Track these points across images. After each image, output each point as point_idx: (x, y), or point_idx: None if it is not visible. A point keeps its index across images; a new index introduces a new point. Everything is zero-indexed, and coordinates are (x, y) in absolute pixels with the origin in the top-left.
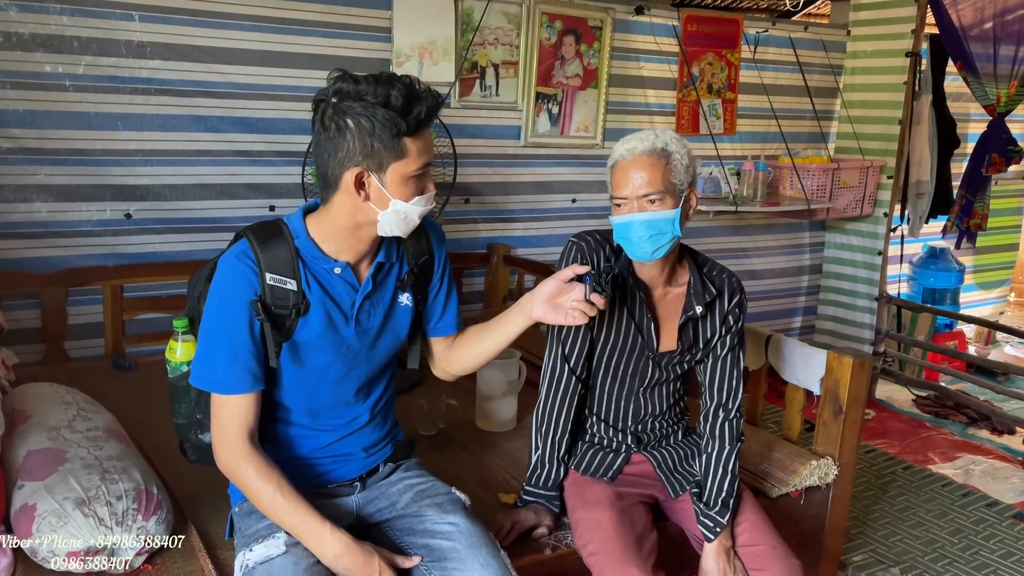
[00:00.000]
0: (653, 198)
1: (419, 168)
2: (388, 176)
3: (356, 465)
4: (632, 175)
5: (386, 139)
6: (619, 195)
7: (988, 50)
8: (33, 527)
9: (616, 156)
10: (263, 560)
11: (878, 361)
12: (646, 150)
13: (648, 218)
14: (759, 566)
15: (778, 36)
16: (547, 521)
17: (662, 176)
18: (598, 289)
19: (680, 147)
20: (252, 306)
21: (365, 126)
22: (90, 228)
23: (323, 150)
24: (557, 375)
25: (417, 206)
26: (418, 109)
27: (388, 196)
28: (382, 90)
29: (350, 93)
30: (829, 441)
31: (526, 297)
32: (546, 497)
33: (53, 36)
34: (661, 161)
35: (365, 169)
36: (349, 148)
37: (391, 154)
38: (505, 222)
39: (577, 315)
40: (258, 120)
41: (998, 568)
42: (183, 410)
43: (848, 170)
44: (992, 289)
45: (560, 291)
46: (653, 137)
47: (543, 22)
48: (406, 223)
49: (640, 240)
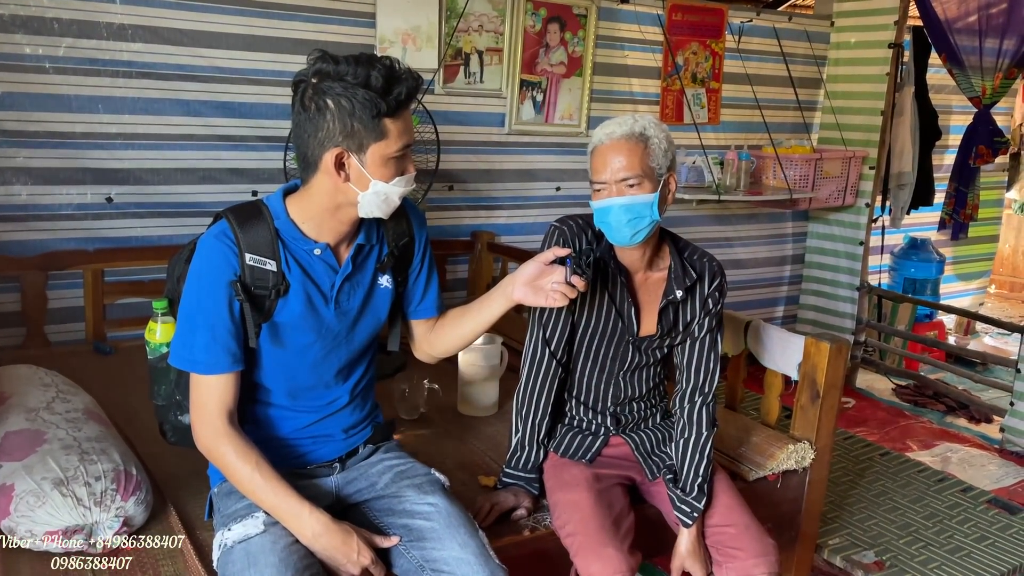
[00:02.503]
0: (632, 182)
1: (399, 149)
2: (368, 157)
3: (336, 446)
4: (610, 159)
5: (366, 119)
6: (598, 179)
7: (973, 42)
8: (11, 507)
9: (595, 141)
10: (242, 539)
11: (859, 351)
12: (624, 134)
13: (627, 202)
14: (734, 545)
15: (762, 26)
16: (526, 503)
17: (640, 160)
18: (578, 271)
19: (658, 131)
20: (232, 286)
21: (345, 106)
22: (71, 212)
23: (303, 131)
24: (537, 359)
25: (397, 187)
26: (398, 90)
27: (368, 177)
28: (362, 71)
29: (330, 73)
30: (806, 425)
31: (507, 279)
32: (526, 479)
33: (33, 17)
34: (639, 145)
35: (345, 150)
36: (329, 128)
37: (371, 135)
38: (489, 209)
39: (558, 297)
40: (240, 105)
41: (971, 551)
42: (163, 391)
43: (831, 160)
44: (972, 280)
45: (541, 273)
46: (631, 122)
47: (528, 9)
48: (387, 204)
49: (619, 224)
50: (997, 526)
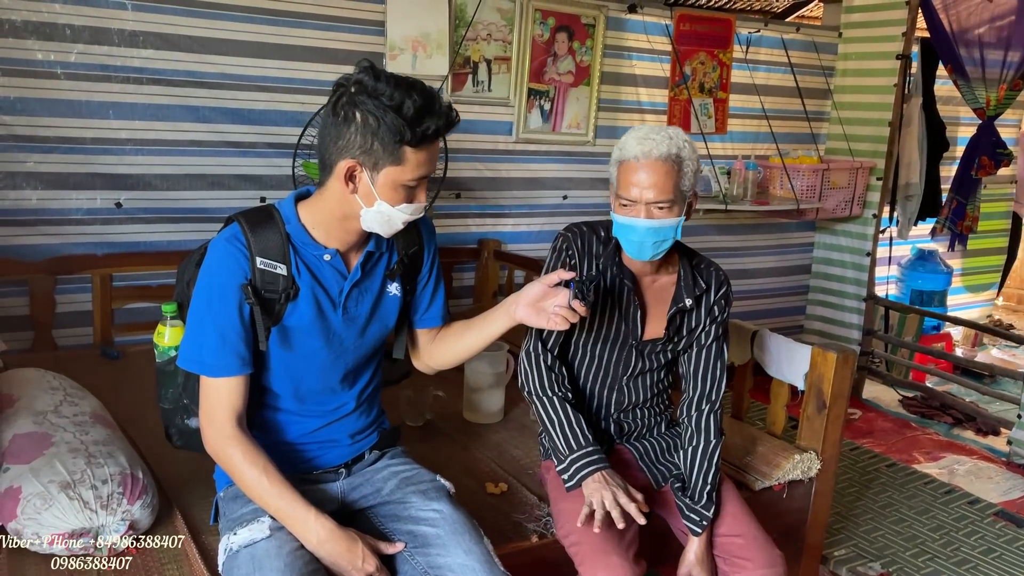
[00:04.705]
0: (662, 205)
1: (414, 179)
2: (380, 177)
3: (342, 452)
4: (643, 179)
5: (388, 142)
6: (627, 196)
7: (978, 54)
8: (18, 509)
9: (628, 154)
10: (247, 543)
11: (866, 362)
12: (661, 156)
13: (655, 225)
14: (742, 555)
15: (770, 37)
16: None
17: (674, 184)
18: (579, 296)
19: (691, 152)
20: (242, 290)
21: (371, 124)
22: (80, 216)
23: (327, 133)
24: (534, 357)
25: (403, 212)
26: (427, 124)
27: (375, 195)
28: (399, 95)
29: (368, 88)
30: (812, 436)
31: (511, 298)
32: (595, 458)
33: (46, 24)
34: (674, 169)
35: (359, 164)
36: (350, 139)
37: (388, 158)
38: (496, 217)
39: (559, 320)
40: (250, 111)
41: (978, 564)
42: (169, 395)
43: (838, 171)
44: (980, 292)
45: (544, 295)
46: (668, 140)
47: (536, 18)
48: (389, 225)
49: (643, 244)
50: (1004, 539)
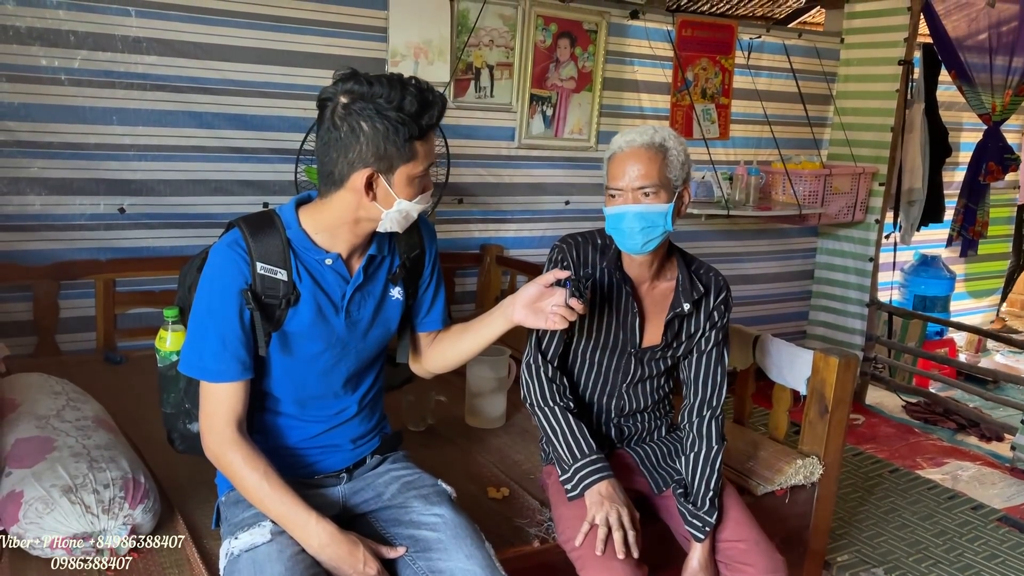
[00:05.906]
0: (648, 191)
1: (424, 169)
2: (396, 178)
3: (343, 456)
4: (628, 167)
5: (399, 143)
6: (614, 186)
7: (983, 60)
8: (20, 513)
9: (614, 148)
10: (248, 548)
11: (868, 367)
12: (644, 143)
13: (642, 210)
14: (744, 560)
15: (772, 43)
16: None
17: (658, 170)
18: (576, 293)
19: (677, 143)
20: (243, 295)
21: (380, 129)
22: (83, 222)
23: (331, 149)
24: (536, 366)
25: (419, 204)
26: (429, 113)
27: (394, 196)
28: (396, 94)
29: (363, 95)
30: (815, 440)
31: (508, 300)
32: (597, 467)
33: (50, 30)
34: (658, 155)
35: (376, 171)
36: (361, 151)
37: (402, 157)
38: (498, 223)
39: (557, 320)
40: (252, 117)
41: (982, 570)
42: (171, 399)
43: (840, 176)
44: (983, 297)
45: (541, 296)
46: (652, 132)
47: (538, 24)
48: (406, 220)
49: (632, 232)
50: (1007, 544)
